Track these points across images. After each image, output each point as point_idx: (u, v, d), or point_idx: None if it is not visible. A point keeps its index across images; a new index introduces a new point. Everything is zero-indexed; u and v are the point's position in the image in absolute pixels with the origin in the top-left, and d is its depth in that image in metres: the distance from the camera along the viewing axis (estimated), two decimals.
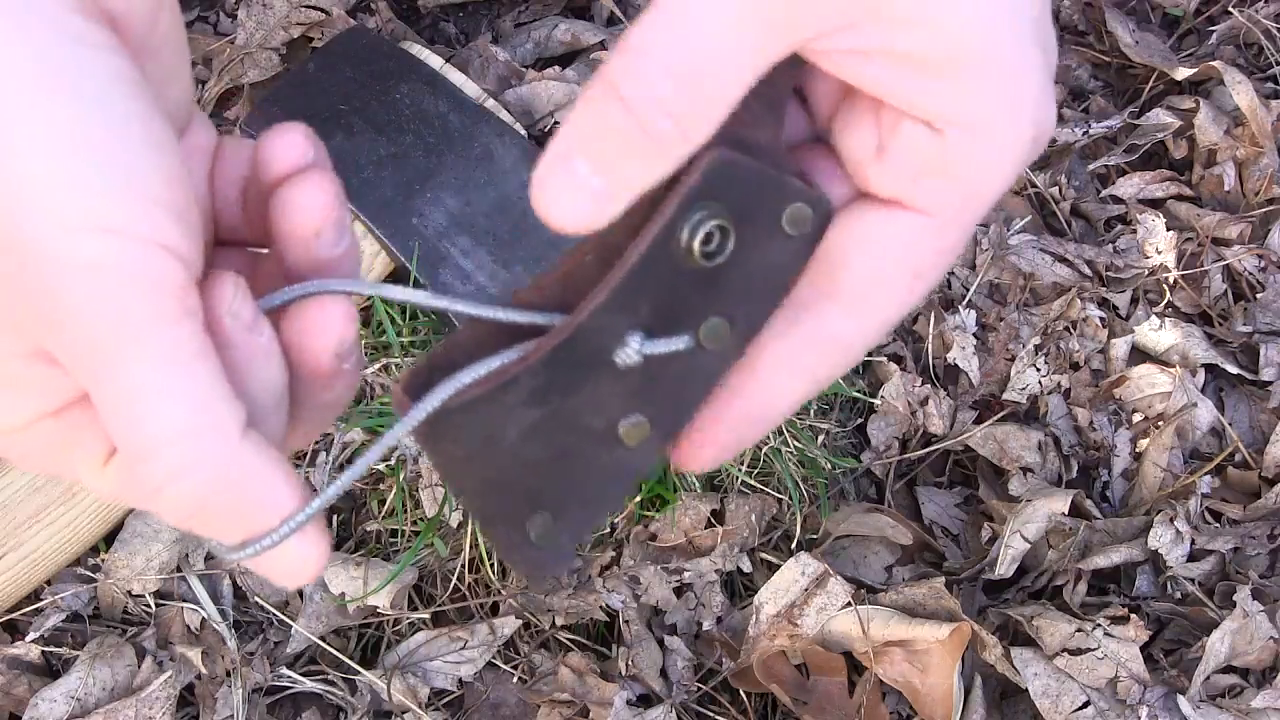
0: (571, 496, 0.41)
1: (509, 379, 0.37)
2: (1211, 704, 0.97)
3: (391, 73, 1.01)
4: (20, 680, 0.92)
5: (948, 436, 1.15)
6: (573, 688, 0.94)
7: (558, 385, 0.38)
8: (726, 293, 0.39)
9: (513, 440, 0.39)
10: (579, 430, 0.40)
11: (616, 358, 0.38)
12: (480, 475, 0.40)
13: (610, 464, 0.41)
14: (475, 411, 0.38)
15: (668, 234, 0.37)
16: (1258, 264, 1.28)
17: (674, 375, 0.40)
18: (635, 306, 0.38)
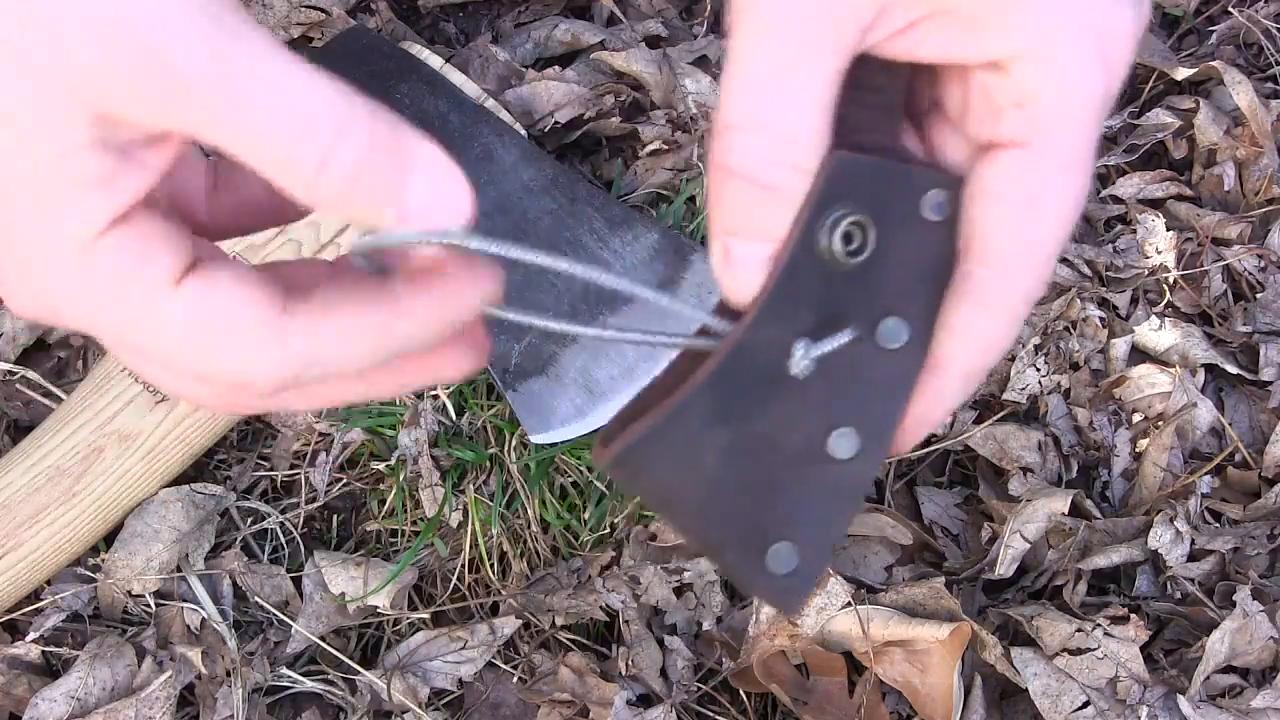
0: (801, 520, 0.42)
1: (680, 403, 0.39)
2: (1211, 704, 0.97)
3: (391, 73, 1.01)
4: (20, 680, 0.92)
5: (948, 436, 1.15)
6: (573, 688, 0.94)
7: (737, 402, 0.39)
8: (887, 289, 0.41)
9: (713, 466, 0.40)
10: (782, 450, 0.41)
11: (789, 368, 0.40)
12: (691, 506, 0.40)
13: (830, 481, 0.42)
14: (660, 440, 0.39)
15: (807, 241, 0.39)
16: (1258, 264, 1.28)
17: (867, 382, 0.41)
18: (795, 316, 0.39)
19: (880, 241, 0.40)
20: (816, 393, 0.41)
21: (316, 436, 1.00)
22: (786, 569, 0.42)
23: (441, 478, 0.96)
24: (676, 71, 1.22)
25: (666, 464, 0.40)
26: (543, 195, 0.90)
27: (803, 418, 0.41)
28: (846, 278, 0.40)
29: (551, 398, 0.81)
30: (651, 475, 0.40)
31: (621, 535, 1.00)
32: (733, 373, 0.39)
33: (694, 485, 0.40)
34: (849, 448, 0.41)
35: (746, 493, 0.41)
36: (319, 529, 1.04)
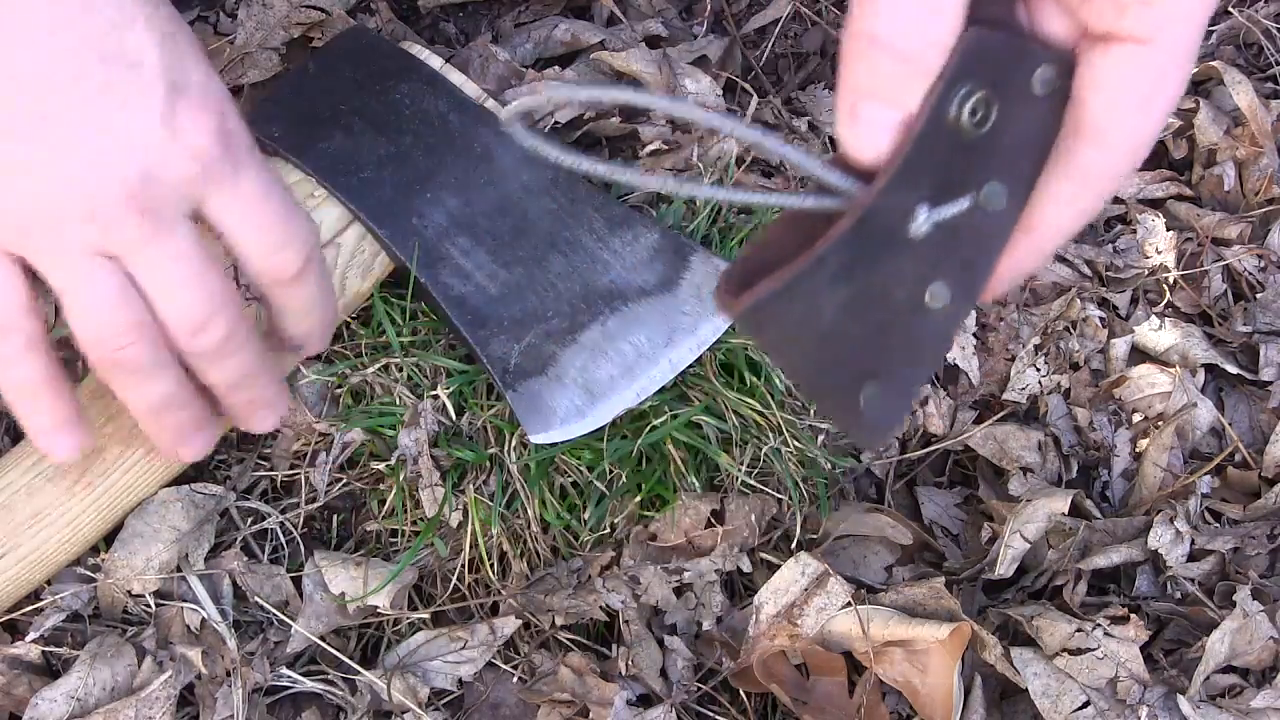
0: (894, 365, 0.46)
1: (816, 258, 0.41)
2: (1211, 704, 0.97)
3: (391, 73, 1.01)
4: (20, 680, 0.92)
5: (948, 436, 1.15)
6: (573, 688, 0.94)
7: (860, 261, 0.42)
8: (997, 158, 0.44)
9: (829, 318, 0.43)
10: (888, 304, 0.44)
11: (910, 230, 0.42)
12: (805, 354, 0.44)
13: (924, 330, 0.46)
14: (792, 294, 0.42)
15: (939, 112, 0.41)
16: (1258, 264, 1.28)
17: (965, 242, 0.44)
18: (918, 182, 0.42)
19: (999, 114, 0.43)
20: (925, 251, 0.44)
21: (317, 436, 1.00)
22: (877, 409, 0.46)
23: (441, 478, 0.96)
24: (676, 71, 1.22)
25: (790, 317, 0.42)
26: (543, 195, 0.89)
27: (909, 273, 0.44)
28: (965, 146, 0.43)
29: (551, 398, 0.80)
30: (776, 327, 0.43)
31: (621, 535, 1.00)
32: (861, 233, 0.42)
33: (810, 336, 0.43)
34: (943, 298, 0.45)
35: (853, 343, 0.44)
36: (319, 529, 1.04)
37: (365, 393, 1.00)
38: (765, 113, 1.22)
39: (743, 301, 0.42)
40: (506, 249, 0.81)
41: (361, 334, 1.00)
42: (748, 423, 1.01)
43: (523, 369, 0.78)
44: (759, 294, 0.41)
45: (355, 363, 0.99)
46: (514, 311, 0.72)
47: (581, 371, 0.76)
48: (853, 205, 0.42)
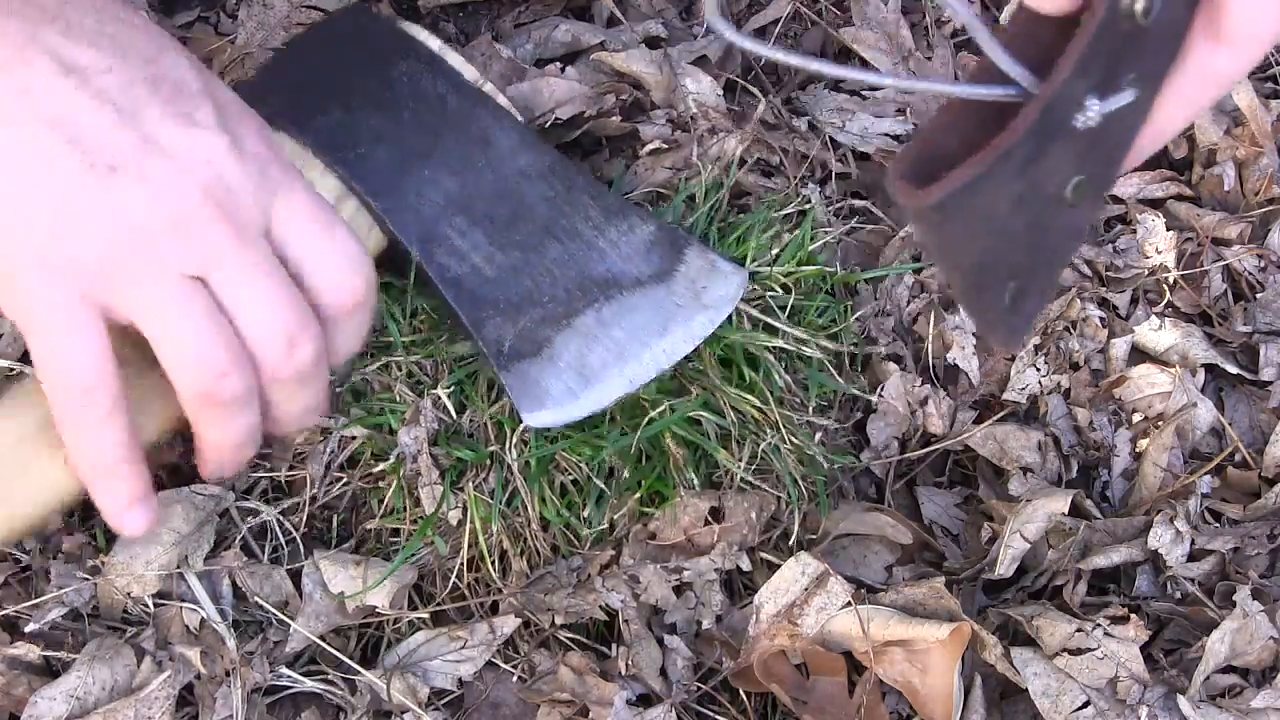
0: (1036, 262, 0.45)
1: (1006, 150, 0.40)
2: (1211, 704, 0.97)
3: (390, 51, 0.99)
4: (20, 680, 0.92)
5: (948, 436, 1.15)
6: (573, 687, 0.94)
7: (1036, 154, 0.41)
8: (1148, 50, 0.43)
9: (1004, 213, 0.42)
10: (1044, 196, 0.43)
11: (1076, 121, 0.42)
12: (976, 251, 0.43)
13: (1064, 225, 0.45)
14: (981, 187, 0.40)
15: (1124, 5, 0.41)
16: (1258, 264, 1.28)
17: (1111, 135, 0.44)
18: (1090, 71, 0.41)
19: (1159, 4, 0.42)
20: (1080, 145, 0.43)
21: (318, 435, 1.00)
22: (1017, 307, 0.45)
23: (441, 476, 0.96)
24: (677, 71, 1.22)
25: (974, 211, 0.41)
26: (539, 181, 0.88)
27: (1064, 167, 0.43)
28: (1130, 36, 0.42)
29: (545, 380, 0.79)
30: (957, 222, 0.42)
31: (621, 534, 1.00)
32: (1043, 125, 0.41)
33: (984, 232, 0.42)
34: (1081, 191, 0.44)
35: (1013, 239, 0.43)
36: (319, 528, 1.04)
37: (365, 391, 1.00)
38: (765, 112, 1.22)
39: (932, 194, 0.40)
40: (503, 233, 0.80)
41: None
42: (746, 419, 1.01)
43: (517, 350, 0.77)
44: (949, 187, 0.40)
45: (355, 361, 0.99)
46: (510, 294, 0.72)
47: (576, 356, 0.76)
48: (1039, 95, 0.41)
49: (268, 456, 1.04)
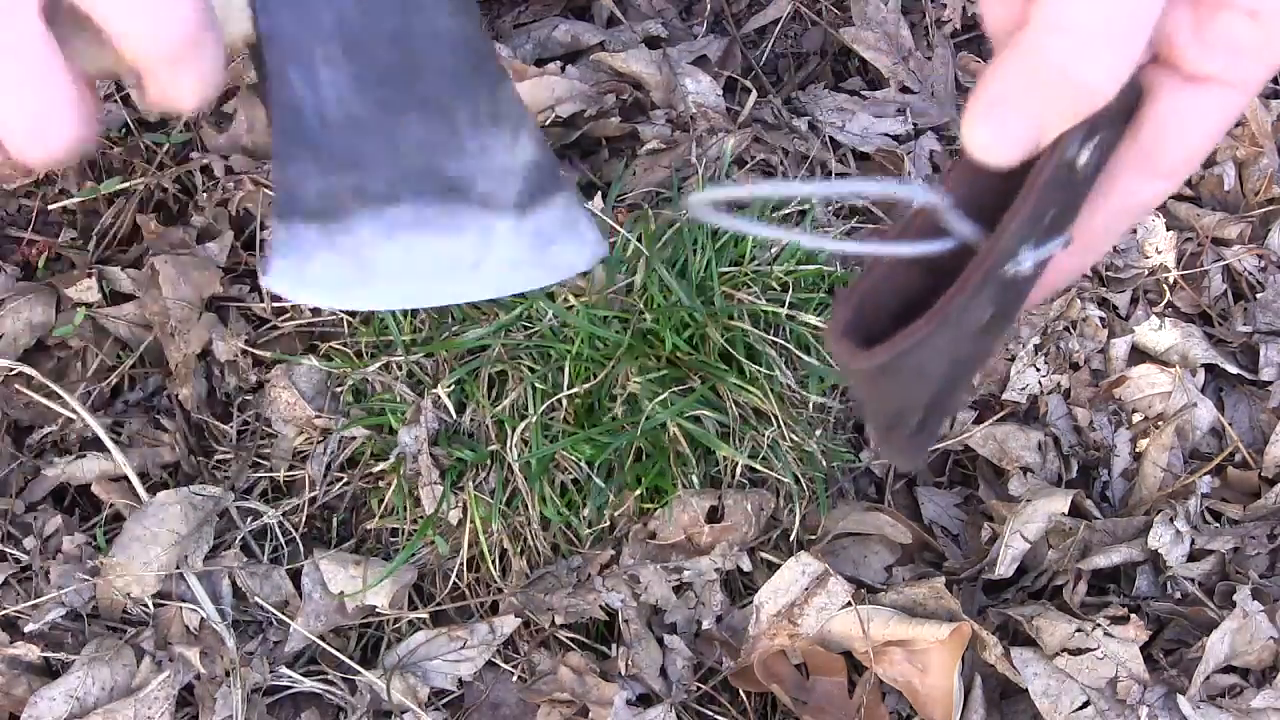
0: (947, 393, 0.46)
1: (950, 312, 0.41)
2: (1211, 704, 0.97)
3: None
4: (20, 680, 0.92)
5: (948, 436, 1.15)
6: (572, 687, 0.94)
7: (970, 305, 0.42)
8: (1079, 195, 0.44)
9: (934, 363, 0.43)
10: (965, 336, 0.44)
11: (1007, 270, 0.42)
12: (902, 398, 0.44)
13: (973, 354, 0.46)
14: (919, 348, 0.41)
15: (1068, 156, 0.41)
16: (1258, 264, 1.28)
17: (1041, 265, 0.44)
18: (1033, 225, 0.42)
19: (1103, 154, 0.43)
20: (1004, 286, 0.43)
21: (318, 434, 1.00)
22: (920, 430, 0.46)
23: (441, 475, 0.96)
24: (676, 71, 1.22)
25: (910, 366, 0.42)
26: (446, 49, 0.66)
27: (985, 307, 0.43)
28: (1073, 186, 0.43)
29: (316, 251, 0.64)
30: (895, 378, 0.43)
31: (621, 533, 1.00)
32: (984, 282, 0.42)
33: (917, 381, 0.43)
34: (992, 322, 0.45)
35: (934, 378, 0.44)
36: (319, 528, 1.04)
37: (365, 391, 1.00)
38: (765, 112, 1.22)
39: (875, 356, 0.41)
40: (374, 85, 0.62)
41: (363, 332, 1.00)
42: (746, 412, 1.01)
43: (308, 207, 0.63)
44: (893, 350, 0.41)
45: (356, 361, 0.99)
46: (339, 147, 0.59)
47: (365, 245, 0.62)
48: (981, 255, 0.42)
49: (268, 456, 1.03)
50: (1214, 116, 0.44)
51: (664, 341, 1.01)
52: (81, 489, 1.05)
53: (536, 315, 1.03)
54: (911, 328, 0.41)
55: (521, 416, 0.98)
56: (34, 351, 1.08)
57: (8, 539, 1.00)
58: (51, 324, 1.09)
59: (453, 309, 1.02)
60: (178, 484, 1.00)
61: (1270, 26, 0.41)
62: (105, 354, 1.08)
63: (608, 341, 1.01)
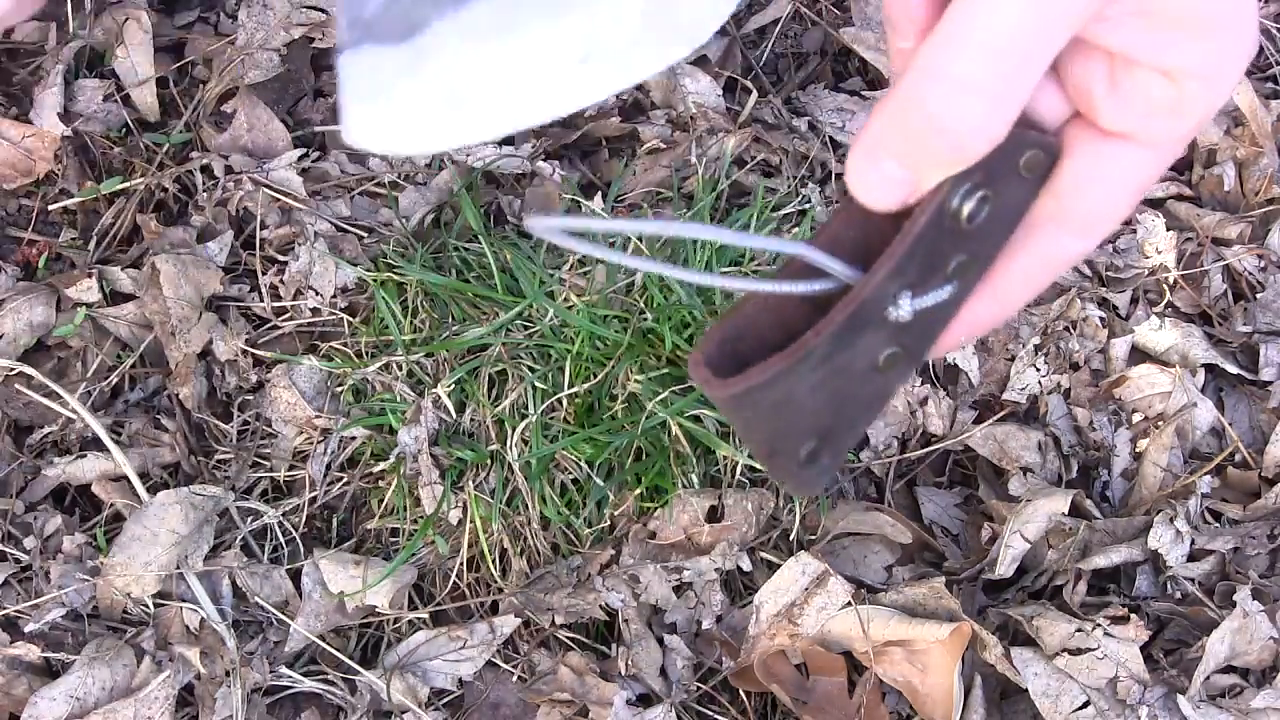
0: (839, 426, 0.47)
1: (807, 351, 0.42)
2: (1211, 704, 0.97)
3: None
4: (20, 680, 0.92)
5: (948, 436, 1.15)
6: (572, 687, 0.94)
7: (841, 346, 0.43)
8: (976, 238, 0.44)
9: (802, 397, 0.44)
10: (851, 375, 0.45)
11: (889, 314, 0.43)
12: (770, 429, 0.45)
13: (871, 392, 0.47)
14: (775, 383, 0.42)
15: (945, 205, 0.42)
16: (1258, 264, 1.28)
17: (924, 319, 0.45)
18: (907, 272, 0.43)
19: (991, 204, 0.43)
20: (893, 329, 0.44)
21: (318, 434, 1.00)
22: (815, 462, 0.47)
23: (441, 475, 0.96)
24: (676, 71, 1.22)
25: (769, 399, 0.43)
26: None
27: (874, 348, 0.44)
28: (955, 234, 0.43)
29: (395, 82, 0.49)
30: (752, 410, 0.44)
31: (621, 533, 1.00)
32: (853, 321, 0.42)
33: (780, 415, 0.44)
34: (893, 362, 0.45)
35: (812, 413, 0.45)
36: (319, 528, 1.04)
37: (365, 391, 1.00)
38: (765, 112, 1.22)
39: (730, 387, 0.42)
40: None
41: (364, 331, 1.00)
42: None
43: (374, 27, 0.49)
44: (747, 383, 0.42)
45: (356, 361, 0.99)
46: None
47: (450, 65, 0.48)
48: (849, 297, 0.42)
49: (268, 456, 1.03)
50: (1132, 175, 0.44)
51: (664, 341, 1.01)
52: (81, 489, 1.05)
53: (537, 314, 1.03)
54: (766, 363, 0.42)
55: (522, 416, 0.98)
56: (34, 351, 1.08)
57: (8, 539, 1.00)
58: (51, 324, 1.09)
59: (452, 309, 1.02)
60: (178, 484, 1.00)
61: (1185, 86, 0.40)
62: (105, 354, 1.08)
63: (608, 341, 1.01)
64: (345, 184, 1.19)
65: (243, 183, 1.14)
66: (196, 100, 1.22)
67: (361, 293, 1.07)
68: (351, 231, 1.13)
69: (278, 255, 1.12)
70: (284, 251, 1.12)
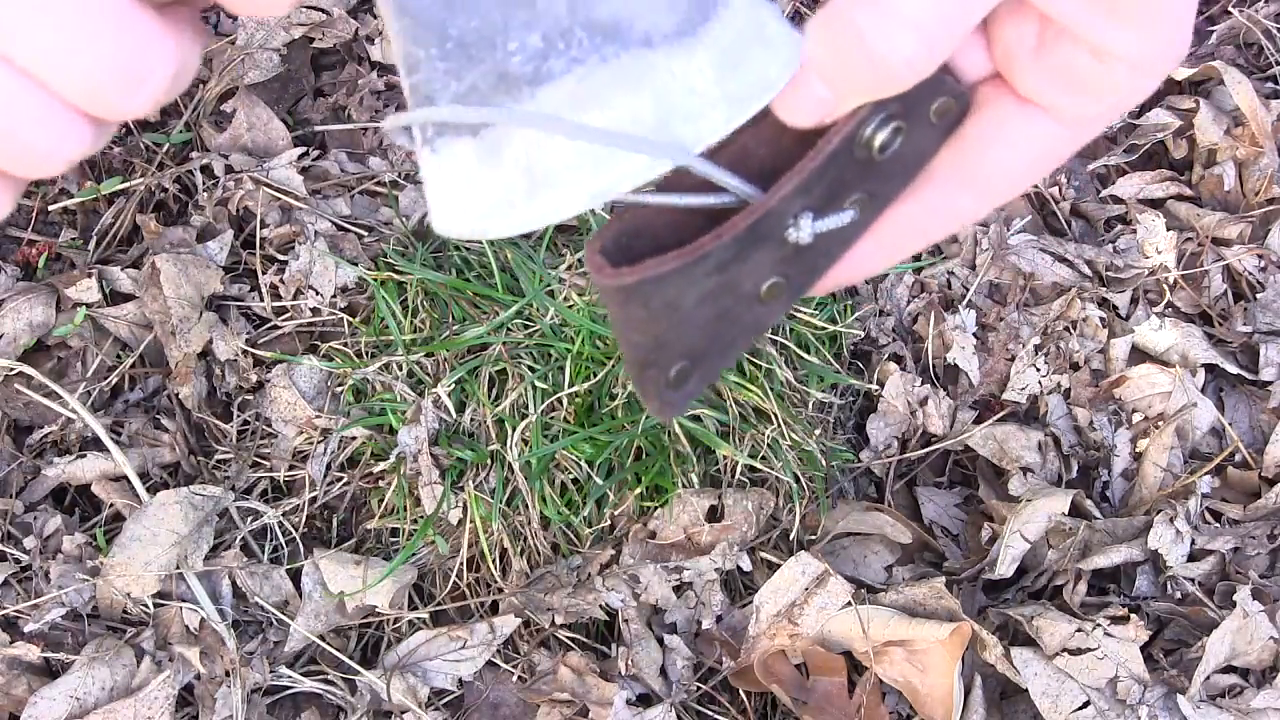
0: (713, 349, 0.47)
1: (705, 253, 0.42)
2: (1211, 704, 0.97)
3: None
4: (20, 680, 0.92)
5: (948, 436, 1.15)
6: (572, 687, 0.94)
7: (737, 258, 0.43)
8: (880, 175, 0.44)
9: (690, 305, 0.44)
10: (736, 293, 0.45)
11: (789, 235, 0.43)
12: (653, 333, 0.45)
13: (749, 320, 0.46)
14: (668, 280, 0.42)
15: (859, 133, 0.42)
16: (1258, 264, 1.28)
17: (818, 247, 0.45)
18: (812, 191, 0.43)
19: (902, 140, 0.43)
20: (786, 251, 0.44)
21: (318, 434, 1.00)
22: (679, 384, 0.47)
23: (441, 475, 0.96)
24: None
25: (658, 299, 0.43)
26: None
27: (762, 269, 0.44)
28: (863, 164, 0.43)
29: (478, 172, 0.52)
30: (639, 306, 0.43)
31: (621, 533, 1.00)
32: (751, 233, 0.43)
33: (666, 319, 0.44)
34: (775, 292, 0.45)
35: (694, 328, 0.45)
36: (319, 528, 1.04)
37: (365, 390, 1.00)
38: None
39: (620, 276, 0.42)
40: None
41: (364, 331, 1.00)
42: (746, 411, 1.01)
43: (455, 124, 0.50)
44: (639, 275, 0.42)
45: (356, 361, 0.99)
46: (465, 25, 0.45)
47: (531, 144, 0.49)
48: (753, 206, 0.42)
49: (268, 456, 1.03)
50: (1037, 146, 0.43)
51: None
52: (81, 489, 1.05)
53: (537, 313, 1.03)
54: (663, 258, 0.42)
55: (522, 416, 0.98)
56: (34, 351, 1.08)
57: (8, 539, 1.00)
58: (51, 324, 1.09)
59: (452, 309, 1.02)
60: (178, 484, 1.00)
61: (1112, 68, 0.40)
62: (105, 354, 1.08)
63: (608, 340, 1.01)
64: (345, 183, 1.19)
65: (243, 182, 1.14)
66: (196, 100, 1.22)
67: (361, 292, 1.07)
68: (352, 230, 1.13)
69: (278, 254, 1.12)
70: (284, 251, 1.12)
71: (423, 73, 0.46)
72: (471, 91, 0.47)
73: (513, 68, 0.44)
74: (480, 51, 0.43)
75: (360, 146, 1.26)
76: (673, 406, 0.47)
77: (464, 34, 0.44)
